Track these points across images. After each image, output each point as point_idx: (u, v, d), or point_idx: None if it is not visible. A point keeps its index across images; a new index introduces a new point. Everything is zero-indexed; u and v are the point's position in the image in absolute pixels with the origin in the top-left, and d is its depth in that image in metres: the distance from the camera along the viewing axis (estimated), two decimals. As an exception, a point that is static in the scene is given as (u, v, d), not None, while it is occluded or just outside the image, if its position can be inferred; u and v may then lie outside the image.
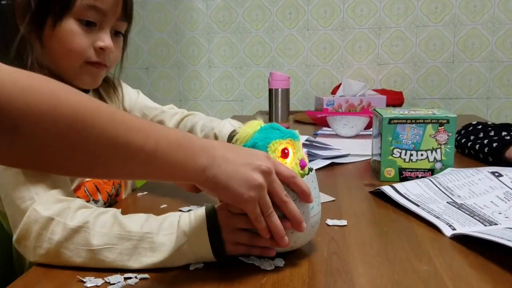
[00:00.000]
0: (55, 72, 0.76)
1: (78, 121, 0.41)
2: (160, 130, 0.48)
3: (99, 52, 0.76)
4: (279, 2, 2.40)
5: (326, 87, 2.44)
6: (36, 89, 0.39)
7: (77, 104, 0.41)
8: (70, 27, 0.72)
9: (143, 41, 2.51)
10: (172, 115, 0.96)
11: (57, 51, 0.74)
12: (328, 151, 1.13)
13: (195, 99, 2.54)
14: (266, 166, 0.52)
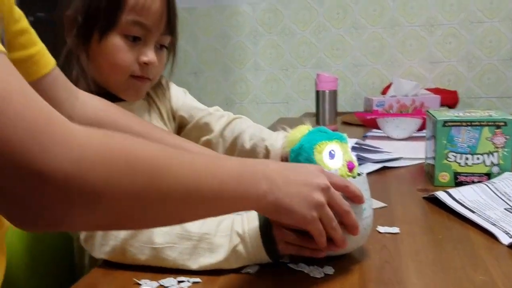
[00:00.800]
0: (101, 85, 0.79)
1: (153, 178, 0.40)
2: (223, 166, 0.48)
3: (143, 67, 0.78)
4: (326, 2, 2.38)
5: (376, 87, 2.39)
6: (113, 152, 0.37)
7: (151, 160, 0.40)
8: (115, 42, 0.75)
9: (191, 47, 2.56)
10: (219, 117, 0.96)
11: (103, 65, 0.77)
12: (379, 155, 1.11)
13: (241, 101, 2.56)
14: (324, 184, 0.52)
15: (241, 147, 0.91)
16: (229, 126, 0.95)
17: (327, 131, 0.59)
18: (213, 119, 0.96)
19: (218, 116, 0.97)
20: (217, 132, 0.94)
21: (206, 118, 0.96)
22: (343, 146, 0.59)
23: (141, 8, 0.75)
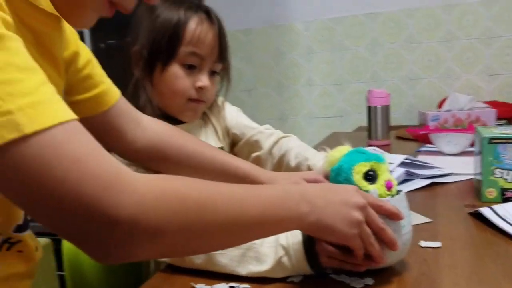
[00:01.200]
0: (162, 109, 0.90)
1: (202, 213, 0.45)
2: (263, 194, 0.52)
3: (198, 91, 0.88)
4: (379, 17, 2.39)
5: (433, 100, 2.35)
6: (167, 195, 0.43)
7: (198, 197, 0.45)
8: (175, 71, 0.86)
9: (246, 65, 2.66)
10: (268, 136, 1.03)
11: (164, 91, 0.88)
12: (429, 170, 1.12)
13: (295, 117, 2.61)
14: (361, 202, 0.56)
15: (287, 165, 0.98)
16: (277, 144, 1.02)
17: (365, 151, 0.63)
18: (263, 137, 1.02)
19: (268, 134, 1.03)
20: (266, 149, 1.01)
21: (257, 136, 1.03)
22: (380, 166, 0.62)
23: (196, 40, 0.86)
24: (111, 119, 0.71)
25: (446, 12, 2.27)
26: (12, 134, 0.34)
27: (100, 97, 0.69)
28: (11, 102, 0.34)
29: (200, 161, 0.80)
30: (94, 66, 0.68)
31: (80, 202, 0.37)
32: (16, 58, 0.36)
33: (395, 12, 2.36)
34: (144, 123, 0.77)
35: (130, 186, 0.39)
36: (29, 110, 0.35)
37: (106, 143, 0.77)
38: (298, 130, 2.59)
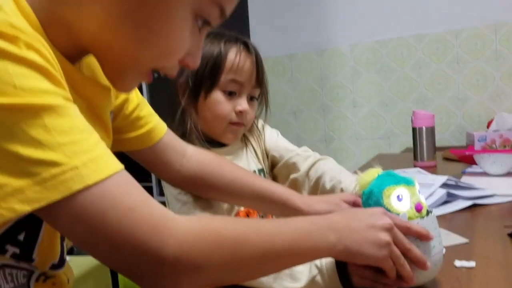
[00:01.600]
0: (206, 133, 0.98)
1: (237, 248, 0.49)
2: (292, 226, 0.56)
3: (238, 115, 0.96)
4: (425, 39, 2.40)
5: (482, 120, 2.31)
6: (205, 235, 0.48)
7: (232, 234, 0.50)
8: (217, 97, 0.95)
9: (291, 88, 2.73)
10: (305, 158, 1.07)
11: (208, 116, 0.96)
12: (471, 191, 1.11)
13: (340, 138, 2.64)
14: (388, 224, 0.58)
15: (322, 187, 1.01)
16: (314, 167, 1.06)
17: (395, 175, 0.66)
18: (301, 160, 1.07)
19: (305, 157, 1.08)
20: (303, 171, 1.05)
21: (295, 158, 1.07)
22: (410, 189, 0.64)
23: (236, 68, 0.94)
24: (159, 152, 0.79)
25: (492, 32, 2.25)
26: (78, 185, 0.41)
27: (148, 134, 0.76)
28: (76, 159, 0.41)
29: (240, 188, 0.86)
30: (142, 108, 0.76)
31: (133, 244, 0.43)
32: (76, 122, 0.44)
33: (440, 33, 2.36)
34: (189, 154, 0.84)
35: (173, 229, 0.45)
36: (90, 164, 0.42)
37: (156, 173, 0.85)
38: (344, 151, 2.61)
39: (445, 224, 0.92)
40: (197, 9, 0.52)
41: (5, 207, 0.39)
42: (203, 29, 0.56)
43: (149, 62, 0.55)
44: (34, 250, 0.55)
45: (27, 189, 0.39)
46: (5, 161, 0.39)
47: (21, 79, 0.40)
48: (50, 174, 0.40)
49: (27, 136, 0.40)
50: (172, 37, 0.52)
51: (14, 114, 0.39)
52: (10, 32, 0.41)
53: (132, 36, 0.51)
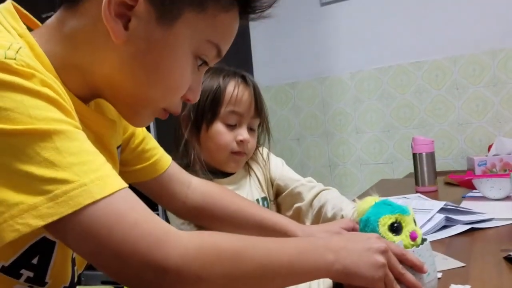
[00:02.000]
0: (209, 163, 1.02)
1: (236, 262, 0.52)
2: (291, 244, 0.59)
3: (239, 144, 1.00)
4: (424, 66, 2.45)
5: (483, 144, 2.34)
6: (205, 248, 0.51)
7: (232, 249, 0.53)
8: (218, 128, 1.00)
9: (294, 116, 2.78)
10: (310, 188, 1.11)
11: (210, 147, 1.01)
12: (469, 216, 1.14)
13: (344, 163, 2.67)
14: (383, 246, 0.61)
15: (324, 215, 1.05)
16: (318, 197, 1.09)
17: (391, 203, 0.68)
18: (305, 190, 1.11)
19: (310, 187, 1.11)
20: (307, 201, 1.09)
21: (299, 188, 1.11)
22: (405, 218, 0.67)
23: (234, 100, 1.00)
24: (164, 183, 0.83)
25: (490, 58, 2.30)
26: (86, 200, 0.45)
27: (153, 166, 0.80)
28: (85, 177, 0.46)
29: (242, 219, 0.89)
30: (148, 142, 0.80)
31: (137, 257, 0.47)
32: (85, 145, 0.49)
33: (439, 60, 2.42)
34: (193, 185, 0.88)
35: (176, 242, 0.48)
36: (98, 182, 0.46)
37: (162, 205, 0.89)
38: (348, 176, 2.64)
39: (443, 248, 0.95)
40: (196, 50, 0.59)
41: (21, 223, 0.43)
42: (202, 67, 0.63)
43: (159, 99, 0.60)
44: (47, 274, 0.59)
45: (40, 205, 0.43)
46: (20, 181, 0.44)
47: (35, 110, 0.45)
48: (61, 191, 0.44)
49: (40, 158, 0.44)
50: (176, 75, 0.59)
51: (28, 138, 0.44)
52: (26, 70, 0.47)
53: (141, 76, 0.57)
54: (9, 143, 0.44)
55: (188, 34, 0.57)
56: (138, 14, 0.54)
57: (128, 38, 0.55)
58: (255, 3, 0.62)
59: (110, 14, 0.53)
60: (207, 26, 0.58)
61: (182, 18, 0.56)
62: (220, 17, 0.59)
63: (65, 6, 0.58)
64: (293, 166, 1.18)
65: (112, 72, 0.57)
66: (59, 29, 0.58)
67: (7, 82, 0.45)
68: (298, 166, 2.70)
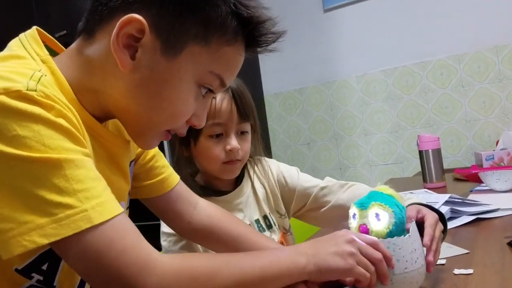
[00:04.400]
0: (207, 174, 1.04)
1: (210, 280, 0.57)
2: (262, 256, 0.64)
3: (229, 153, 0.99)
4: (429, 66, 2.48)
5: (492, 140, 2.36)
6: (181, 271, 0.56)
7: (206, 268, 0.58)
8: (205, 143, 1.00)
9: (303, 121, 2.83)
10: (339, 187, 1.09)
11: (201, 160, 1.03)
12: (475, 207, 1.17)
13: (354, 165, 2.70)
14: (349, 237, 0.65)
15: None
16: (345, 194, 1.07)
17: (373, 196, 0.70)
18: (327, 192, 1.09)
19: (339, 186, 1.09)
20: (334, 201, 1.07)
21: (322, 191, 1.09)
22: (361, 212, 0.70)
23: (213, 112, 0.97)
24: (170, 201, 0.86)
25: (494, 54, 2.32)
26: (86, 225, 0.51)
27: (161, 183, 0.84)
28: (87, 203, 0.51)
29: (247, 245, 0.89)
30: (158, 159, 0.85)
31: (122, 282, 0.52)
32: (90, 172, 0.54)
33: (443, 59, 2.45)
34: (199, 206, 0.90)
35: (155, 269, 0.54)
36: (98, 208, 0.52)
37: (168, 223, 0.92)
38: (359, 178, 2.67)
39: (448, 238, 0.97)
40: (199, 80, 0.63)
41: (28, 240, 0.49)
42: (207, 95, 0.67)
43: (162, 124, 0.65)
44: (55, 279, 0.65)
45: (46, 225, 0.49)
46: (32, 202, 0.50)
47: (49, 140, 0.51)
48: (65, 214, 0.50)
49: (51, 184, 0.50)
50: (178, 103, 0.63)
51: (42, 166, 0.50)
52: (46, 102, 0.53)
53: (145, 102, 0.62)
54: (26, 168, 0.50)
55: (191, 66, 0.60)
56: (144, 45, 0.58)
57: (134, 67, 0.59)
58: (260, 38, 0.64)
59: (118, 45, 0.57)
60: (210, 59, 0.61)
61: (186, 51, 0.59)
62: (224, 50, 0.61)
63: (83, 35, 0.63)
64: (304, 171, 1.18)
65: (120, 97, 0.62)
66: (77, 56, 0.63)
67: (28, 113, 0.51)
68: (309, 171, 2.71)
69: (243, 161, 1.05)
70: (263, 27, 0.63)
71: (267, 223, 1.09)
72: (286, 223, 1.14)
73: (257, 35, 0.64)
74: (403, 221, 0.69)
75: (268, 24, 0.63)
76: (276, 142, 2.89)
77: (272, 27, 0.64)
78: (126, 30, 0.57)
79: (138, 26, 0.57)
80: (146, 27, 0.57)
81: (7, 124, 0.50)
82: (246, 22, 0.62)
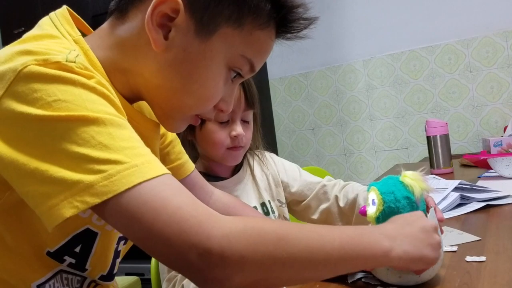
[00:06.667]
0: (209, 159, 1.05)
1: (280, 243, 0.50)
2: (341, 230, 0.57)
3: (233, 139, 1.00)
4: (437, 50, 2.45)
5: (499, 126, 2.34)
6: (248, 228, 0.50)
7: (275, 230, 0.51)
8: (210, 127, 1.01)
9: (308, 106, 2.80)
10: (333, 186, 1.11)
11: (206, 145, 1.03)
12: (485, 194, 1.15)
13: (359, 151, 2.69)
14: (434, 224, 0.64)
15: (357, 210, 1.04)
16: (342, 192, 1.09)
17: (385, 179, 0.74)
18: (329, 189, 1.11)
19: (332, 185, 1.12)
20: (333, 199, 1.09)
21: (323, 188, 1.12)
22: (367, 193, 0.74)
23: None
24: (187, 188, 0.84)
25: (503, 39, 2.29)
26: (138, 179, 0.48)
27: (177, 169, 0.83)
28: (136, 159, 0.49)
29: None
30: (175, 145, 0.84)
31: (181, 238, 0.47)
32: (133, 134, 0.53)
33: (451, 43, 2.41)
34: (215, 195, 0.90)
35: (218, 223, 0.49)
36: (148, 164, 0.50)
37: None
38: (364, 164, 2.66)
39: (459, 224, 0.97)
40: (230, 63, 0.62)
41: (80, 200, 0.46)
42: (236, 80, 0.66)
43: (192, 107, 0.64)
44: (88, 262, 0.63)
45: (96, 183, 0.47)
46: (77, 162, 0.47)
47: (91, 103, 0.50)
48: (115, 170, 0.47)
49: (95, 141, 0.48)
50: (209, 86, 0.62)
51: (84, 124, 0.48)
52: (86, 72, 0.52)
53: (176, 84, 0.61)
54: (68, 128, 0.48)
55: (224, 48, 0.60)
56: (178, 25, 0.57)
57: (167, 47, 0.58)
58: (292, 23, 0.63)
59: (152, 24, 0.57)
60: (243, 42, 0.60)
61: (219, 33, 0.58)
62: (256, 34, 0.61)
63: (115, 14, 0.62)
64: (309, 156, 1.20)
65: (150, 77, 0.61)
66: (109, 35, 0.62)
67: (67, 78, 0.49)
68: (313, 156, 2.73)
69: (245, 148, 1.06)
70: (296, 12, 0.62)
71: (265, 210, 1.11)
72: (286, 212, 1.16)
73: (290, 20, 0.63)
74: (396, 210, 0.70)
75: (301, 10, 0.63)
76: (280, 127, 2.87)
77: (305, 13, 0.63)
78: (160, 9, 0.56)
79: (173, 5, 0.56)
80: (181, 7, 0.56)
81: (47, 89, 0.48)
82: (280, 6, 0.61)
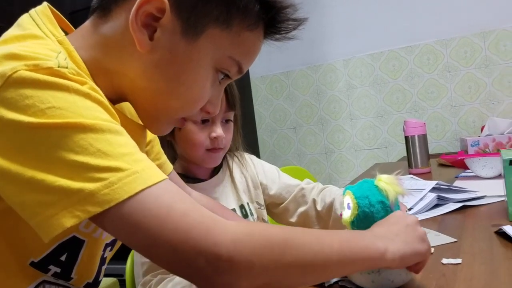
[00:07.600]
0: (187, 160, 1.02)
1: (286, 247, 0.50)
2: (338, 233, 0.57)
3: (213, 141, 0.98)
4: (415, 50, 2.47)
5: (477, 125, 2.37)
6: (255, 233, 0.49)
7: (282, 235, 0.51)
8: (190, 128, 0.98)
9: (290, 105, 2.80)
10: (311, 189, 1.11)
11: (185, 145, 1.01)
12: (462, 194, 1.16)
13: (340, 150, 2.69)
14: (415, 219, 0.64)
15: (334, 214, 1.04)
16: (321, 196, 1.09)
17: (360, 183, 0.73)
18: (307, 192, 1.11)
19: (310, 189, 1.11)
20: (311, 202, 1.09)
21: (301, 191, 1.11)
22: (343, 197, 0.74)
23: None
24: None
25: (481, 39, 2.32)
26: (141, 186, 0.46)
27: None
28: (136, 166, 0.47)
29: None
30: (154, 145, 0.82)
31: (189, 245, 0.46)
32: (129, 139, 0.50)
33: (430, 44, 2.43)
34: (193, 197, 0.86)
35: (225, 229, 0.48)
36: (148, 170, 0.48)
37: None
38: (344, 163, 2.66)
39: (435, 225, 0.97)
40: (218, 65, 0.60)
41: (81, 209, 0.44)
42: (223, 81, 0.64)
43: (178, 109, 0.62)
44: (73, 270, 0.61)
45: (97, 192, 0.45)
46: (77, 171, 0.45)
47: (86, 110, 0.48)
48: (116, 178, 0.45)
49: (94, 149, 0.46)
50: (196, 88, 0.60)
51: (81, 131, 0.46)
52: (79, 78, 0.50)
53: (162, 85, 0.59)
54: (63, 135, 0.46)
55: (211, 49, 0.58)
56: (164, 25, 0.55)
57: (152, 48, 0.56)
58: (281, 24, 0.62)
59: (137, 24, 0.55)
60: (231, 43, 0.59)
61: (206, 33, 0.57)
62: (245, 35, 0.59)
63: (98, 13, 0.60)
64: (290, 155, 1.19)
65: (135, 78, 0.59)
66: (92, 34, 0.60)
67: (61, 84, 0.47)
68: (295, 155, 2.73)
69: (225, 149, 1.04)
70: (285, 12, 0.61)
71: (243, 213, 1.09)
72: (264, 214, 1.15)
73: (278, 20, 0.62)
74: (370, 215, 0.69)
75: (290, 10, 0.61)
76: (262, 126, 2.86)
77: (294, 13, 0.62)
78: (145, 8, 0.54)
79: (158, 4, 0.54)
80: (167, 6, 0.54)
81: (40, 96, 0.46)
82: (269, 7, 0.60)
